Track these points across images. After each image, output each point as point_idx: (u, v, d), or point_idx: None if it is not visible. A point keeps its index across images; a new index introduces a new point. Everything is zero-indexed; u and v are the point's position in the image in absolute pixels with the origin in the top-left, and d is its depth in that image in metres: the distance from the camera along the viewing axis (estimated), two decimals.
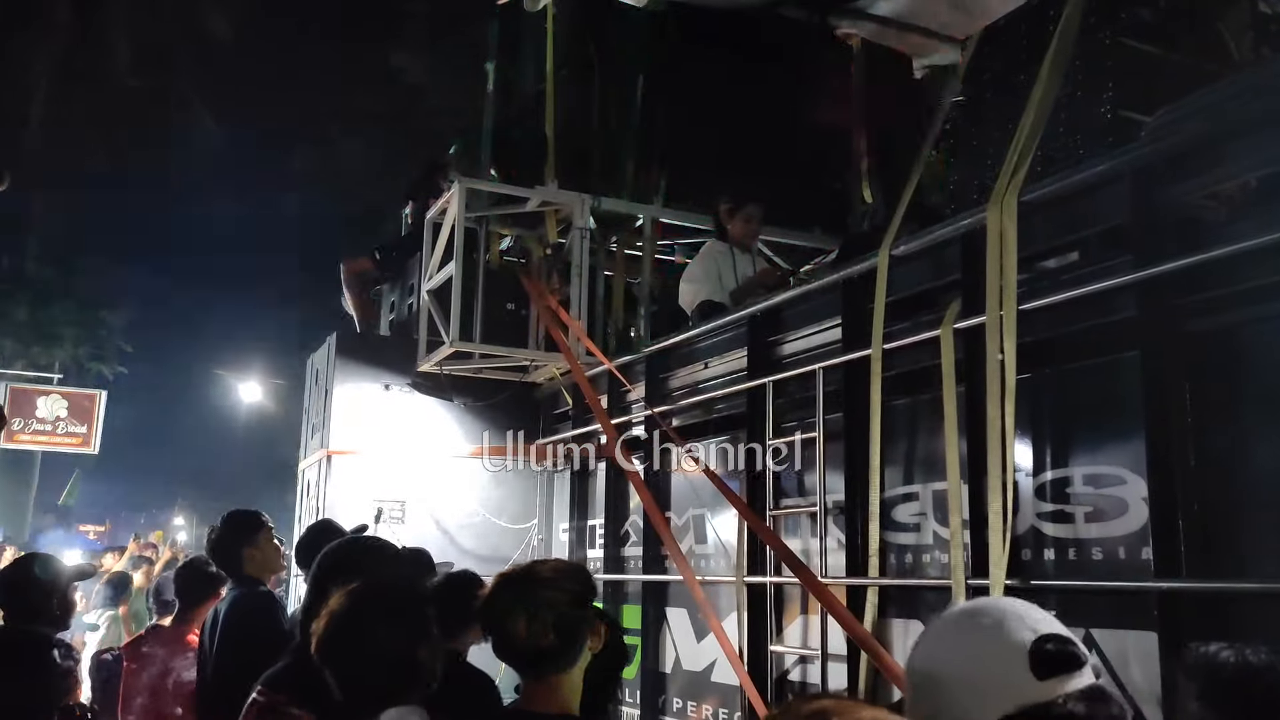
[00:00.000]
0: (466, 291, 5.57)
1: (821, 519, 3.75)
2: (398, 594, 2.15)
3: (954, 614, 1.36)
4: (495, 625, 2.00)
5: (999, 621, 1.27)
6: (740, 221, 5.12)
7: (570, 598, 2.00)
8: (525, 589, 2.00)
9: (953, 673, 1.27)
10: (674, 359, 4.96)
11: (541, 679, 1.99)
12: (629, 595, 5.14)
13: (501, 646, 2.00)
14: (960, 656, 1.27)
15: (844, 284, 3.83)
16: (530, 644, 1.96)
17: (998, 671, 1.23)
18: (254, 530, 3.74)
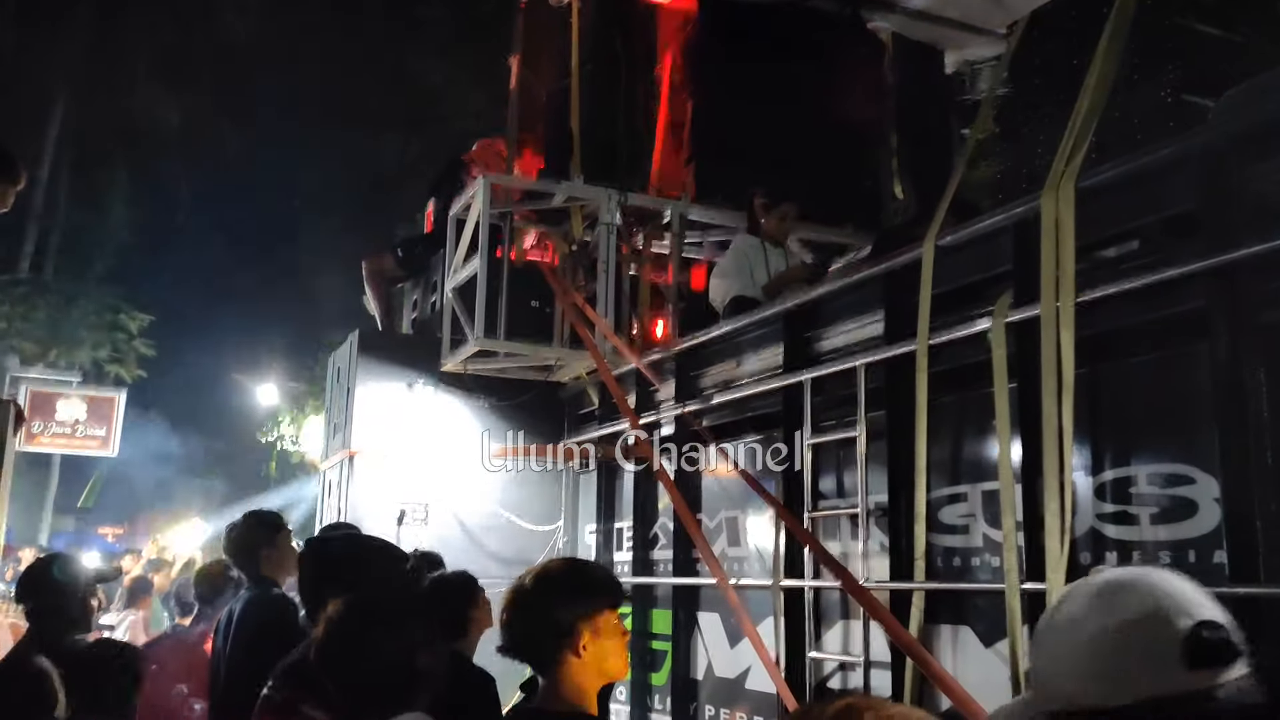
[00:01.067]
0: (491, 288, 5.47)
1: (863, 521, 3.61)
2: (394, 602, 2.15)
3: (1097, 585, 1.23)
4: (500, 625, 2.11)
5: (1151, 600, 1.16)
6: (775, 217, 5.00)
7: (546, 598, 2.04)
8: (515, 590, 2.09)
9: (1092, 652, 1.16)
10: (705, 356, 4.83)
11: (545, 675, 2.05)
12: (659, 599, 5.02)
13: (501, 645, 2.11)
14: (1102, 635, 1.16)
15: (886, 277, 3.70)
16: (512, 642, 2.06)
17: (1145, 656, 1.13)
18: (272, 531, 3.76)
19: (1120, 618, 1.16)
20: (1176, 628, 1.12)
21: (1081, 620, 1.19)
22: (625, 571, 5.30)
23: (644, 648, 5.01)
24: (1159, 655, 1.12)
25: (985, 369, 3.18)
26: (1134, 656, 1.13)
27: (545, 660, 2.05)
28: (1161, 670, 1.12)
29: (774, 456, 4.22)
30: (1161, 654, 1.12)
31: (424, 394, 5.87)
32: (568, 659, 2.02)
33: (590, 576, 2.16)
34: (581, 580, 2.12)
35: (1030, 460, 2.97)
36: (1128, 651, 1.14)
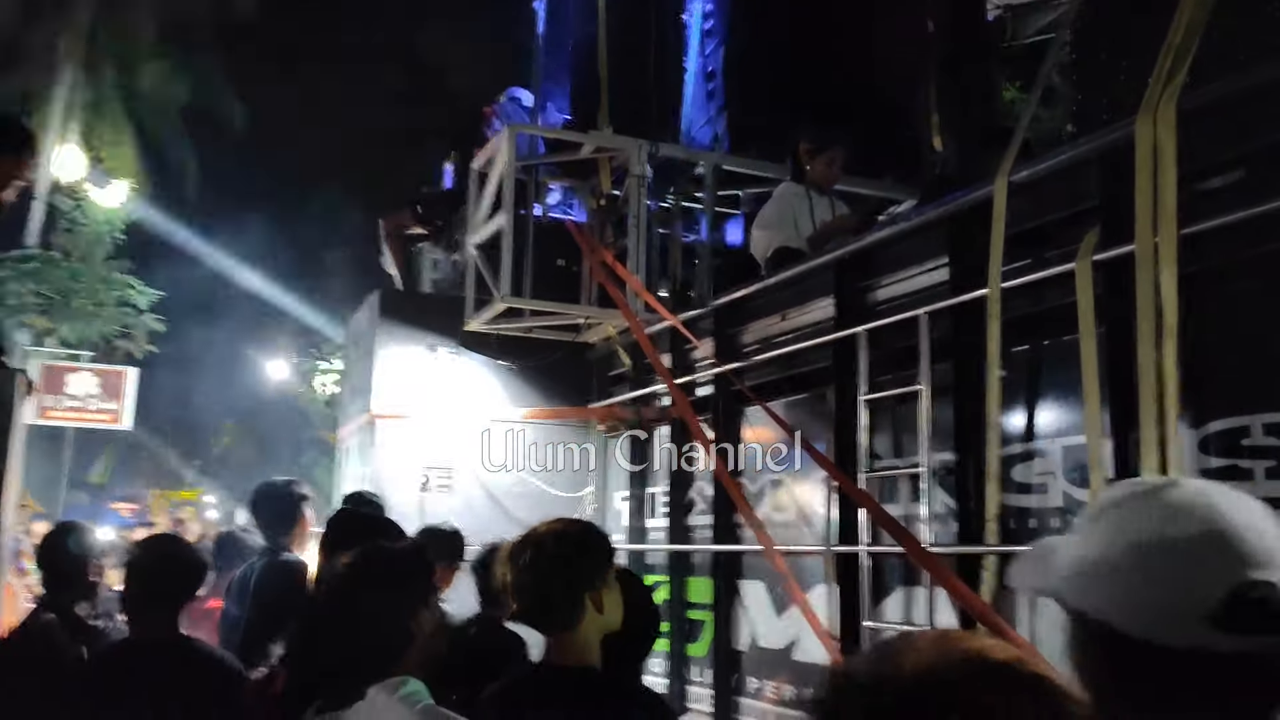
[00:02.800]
0: (517, 244, 5.21)
1: (927, 481, 3.37)
2: (393, 562, 2.10)
3: (1146, 498, 1.08)
4: (483, 582, 2.26)
5: (1203, 534, 1.02)
6: (822, 163, 4.73)
7: (552, 561, 2.04)
8: (516, 552, 2.09)
9: (1115, 565, 1.04)
10: (746, 312, 4.58)
11: (553, 635, 2.08)
12: (696, 567, 4.79)
13: (491, 603, 2.20)
14: (1133, 552, 1.04)
15: (951, 219, 3.43)
16: (520, 605, 2.08)
17: (1173, 602, 1.00)
18: (301, 504, 3.85)
19: (1158, 547, 1.02)
20: (1218, 578, 0.98)
21: (1123, 526, 1.07)
22: (660, 539, 5.09)
23: (681, 618, 4.80)
24: (1189, 605, 0.99)
25: (1065, 314, 2.93)
26: (1161, 600, 1.01)
27: (565, 620, 2.05)
28: (1188, 621, 0.99)
29: (824, 415, 3.99)
30: (1193, 604, 0.99)
31: (447, 356, 5.63)
32: (588, 616, 2.04)
33: (600, 533, 2.20)
34: (597, 537, 2.16)
35: (1122, 412, 2.72)
36: (1156, 589, 1.02)
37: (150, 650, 2.86)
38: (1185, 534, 1.02)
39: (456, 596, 3.31)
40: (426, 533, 3.65)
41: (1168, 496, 1.07)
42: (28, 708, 2.89)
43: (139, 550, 3.07)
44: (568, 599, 2.04)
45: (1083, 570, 1.09)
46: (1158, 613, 1.01)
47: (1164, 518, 1.05)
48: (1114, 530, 1.08)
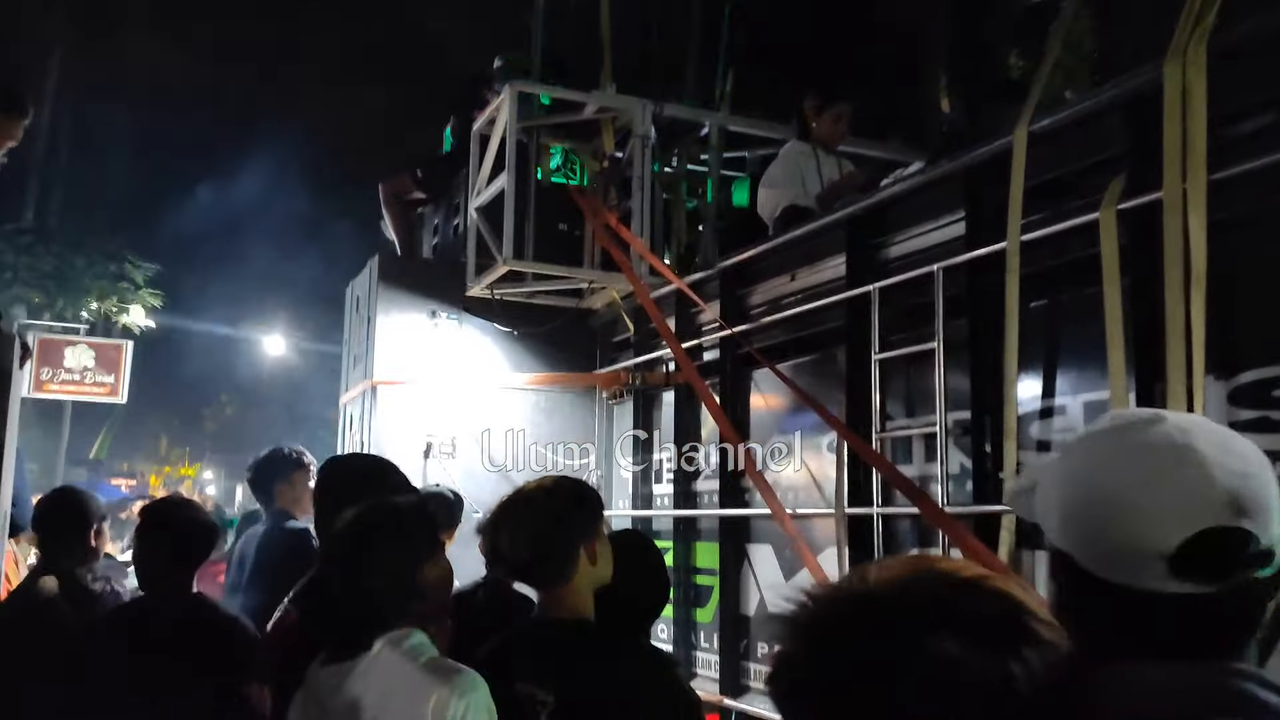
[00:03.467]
0: (519, 207, 5.11)
1: (942, 440, 3.29)
2: (398, 515, 2.13)
3: (1123, 433, 1.07)
4: (487, 542, 2.14)
5: (1173, 476, 1.00)
6: (829, 120, 4.62)
7: (547, 515, 2.08)
8: (507, 507, 2.12)
9: (1087, 497, 1.04)
10: (753, 273, 4.49)
11: (546, 591, 2.11)
12: (703, 532, 4.73)
13: (494, 562, 2.16)
14: (1095, 504, 1.03)
15: (967, 172, 3.34)
16: (512, 558, 2.09)
17: (1133, 545, 1.00)
18: (290, 468, 3.98)
19: (1132, 478, 1.01)
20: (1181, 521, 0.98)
21: (1097, 461, 1.06)
22: (666, 504, 5.03)
23: (688, 583, 4.75)
24: (1144, 544, 0.99)
25: (1087, 267, 2.85)
26: (1122, 531, 1.01)
27: (559, 574, 2.07)
28: (1143, 562, 0.99)
29: (835, 376, 3.91)
30: (1148, 544, 0.98)
31: (448, 321, 5.54)
32: (581, 570, 2.08)
33: (589, 486, 2.24)
34: (585, 491, 2.20)
35: (1148, 364, 2.65)
36: (1117, 524, 1.01)
37: (166, 610, 2.86)
38: (1155, 474, 1.01)
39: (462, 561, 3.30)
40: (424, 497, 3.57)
41: (1145, 434, 1.04)
42: (30, 669, 2.87)
43: (158, 512, 3.02)
44: (563, 551, 2.07)
45: (1051, 504, 1.09)
46: (1118, 554, 1.01)
47: (1137, 456, 1.03)
48: (1087, 465, 1.07)
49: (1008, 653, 0.78)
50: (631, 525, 5.21)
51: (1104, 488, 1.03)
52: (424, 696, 1.87)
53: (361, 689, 1.91)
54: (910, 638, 0.80)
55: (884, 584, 0.84)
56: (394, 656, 1.94)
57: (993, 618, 0.81)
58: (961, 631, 0.79)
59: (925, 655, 0.79)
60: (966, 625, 0.79)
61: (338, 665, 1.97)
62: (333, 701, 1.93)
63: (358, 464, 2.98)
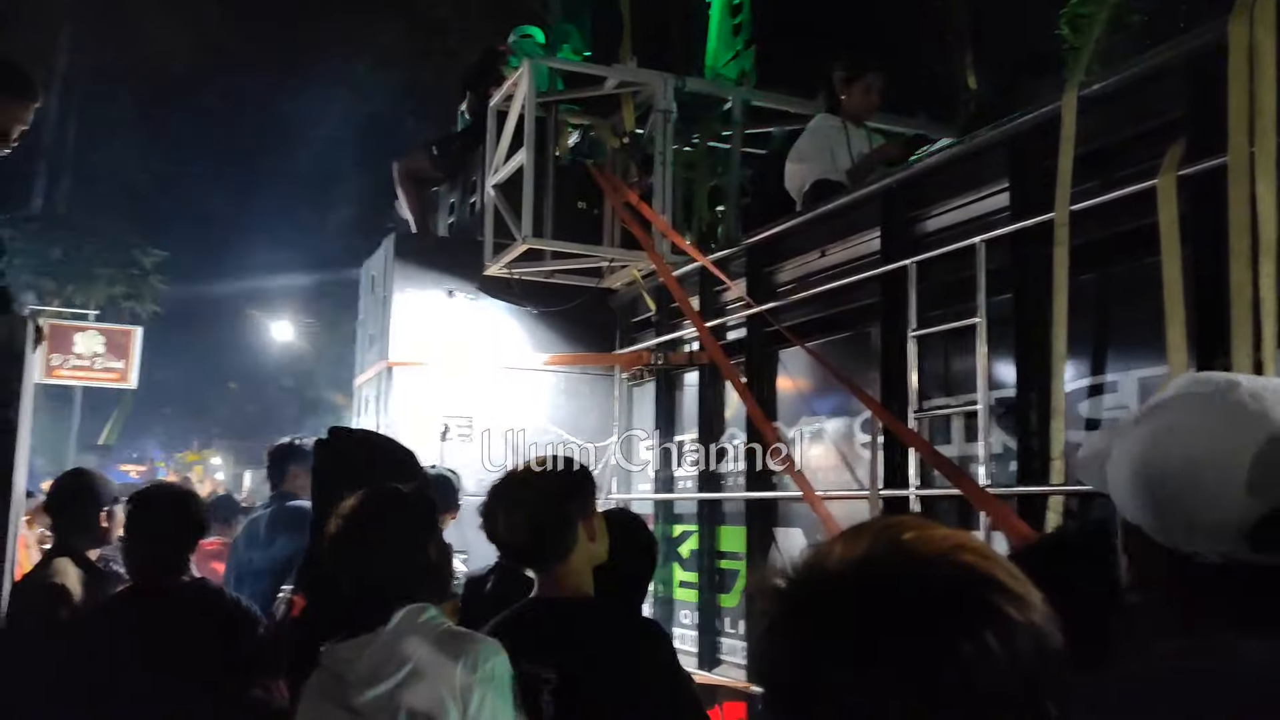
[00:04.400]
0: (538, 183, 4.99)
1: (984, 419, 3.17)
2: (407, 496, 2.17)
3: (1198, 400, 1.04)
4: (485, 522, 2.14)
5: (1249, 448, 0.97)
6: (859, 91, 4.48)
7: (544, 494, 2.10)
8: (506, 488, 2.13)
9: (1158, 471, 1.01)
10: (781, 250, 4.37)
11: (543, 571, 2.13)
12: (728, 516, 4.63)
13: (492, 543, 2.16)
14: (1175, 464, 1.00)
15: (1012, 141, 3.21)
16: (509, 539, 2.11)
17: (1208, 518, 0.98)
18: (306, 457, 3.92)
19: (1210, 451, 0.98)
20: (1247, 498, 0.95)
21: (1174, 430, 1.03)
22: (689, 487, 4.92)
23: (711, 568, 4.65)
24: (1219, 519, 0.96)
25: (1140, 237, 2.72)
26: (1195, 500, 0.99)
27: (560, 549, 2.09)
28: (1217, 539, 0.97)
29: (868, 354, 3.80)
30: (1224, 518, 0.96)
31: (465, 301, 5.43)
32: (580, 548, 2.10)
33: (584, 467, 2.26)
34: (582, 471, 2.22)
35: (1210, 339, 2.53)
36: (1192, 492, 0.99)
37: (160, 594, 2.81)
38: (1230, 445, 0.98)
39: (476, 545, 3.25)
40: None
41: (1220, 401, 1.01)
42: (39, 651, 2.83)
43: (145, 499, 2.95)
44: (562, 529, 2.09)
45: (1123, 474, 1.06)
46: (1191, 525, 0.99)
47: (1210, 425, 1.00)
48: (1160, 434, 1.04)
49: (960, 633, 0.71)
50: (654, 509, 5.12)
51: (1177, 457, 1.00)
52: (445, 664, 1.89)
53: (382, 659, 1.91)
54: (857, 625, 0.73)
55: (841, 562, 0.77)
56: (412, 628, 1.95)
57: (947, 595, 0.73)
58: (910, 611, 0.72)
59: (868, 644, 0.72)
60: (916, 605, 0.72)
61: (355, 640, 1.97)
62: (353, 673, 1.92)
63: (358, 444, 2.92)
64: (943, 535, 0.78)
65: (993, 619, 0.72)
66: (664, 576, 5.01)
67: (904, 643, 0.71)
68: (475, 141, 5.82)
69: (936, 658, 0.70)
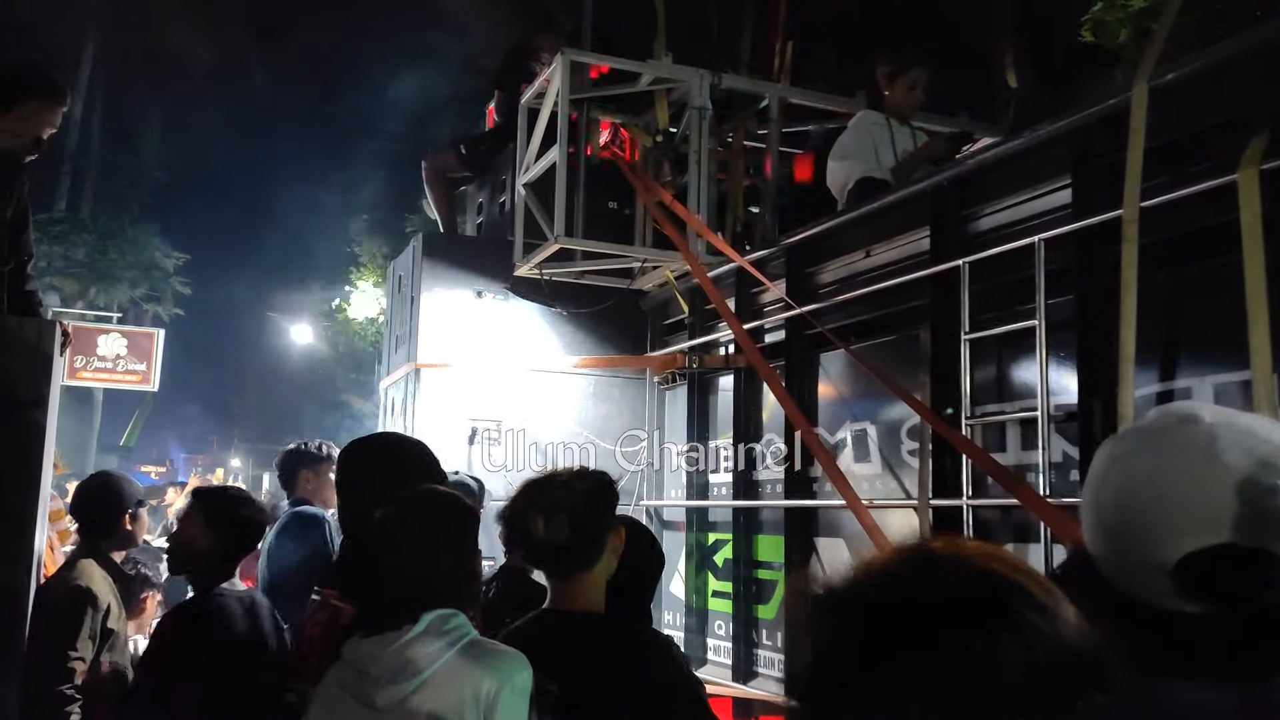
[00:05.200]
0: (570, 182, 4.88)
1: (1044, 426, 3.03)
2: (454, 500, 2.14)
3: (1152, 434, 1.01)
4: (516, 525, 2.10)
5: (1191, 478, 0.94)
6: (902, 87, 4.35)
7: (586, 498, 2.07)
8: (541, 489, 2.09)
9: (1111, 502, 0.99)
10: (822, 250, 4.23)
11: (565, 578, 2.10)
12: (765, 524, 4.49)
13: (523, 546, 2.11)
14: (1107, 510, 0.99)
15: (1074, 135, 3.07)
16: (548, 542, 2.05)
17: (1134, 557, 0.96)
18: (317, 461, 4.06)
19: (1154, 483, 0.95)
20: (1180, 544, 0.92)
21: (1120, 464, 1.01)
22: (724, 494, 4.79)
23: (748, 578, 4.51)
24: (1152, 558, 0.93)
25: (1216, 235, 2.58)
26: (1128, 535, 0.96)
27: (587, 560, 2.08)
28: (1149, 582, 0.94)
29: (916, 358, 3.66)
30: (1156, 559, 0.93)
31: (494, 302, 5.33)
32: (605, 559, 2.09)
33: (611, 479, 2.20)
34: (611, 483, 2.18)
35: None
36: (1126, 526, 0.96)
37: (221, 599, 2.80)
38: (1169, 481, 0.94)
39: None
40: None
41: (1172, 436, 0.98)
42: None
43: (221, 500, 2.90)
44: (598, 537, 2.08)
45: (1086, 503, 1.04)
46: (1120, 562, 0.97)
47: (1157, 460, 0.96)
48: (1111, 465, 1.02)
49: (974, 634, 0.70)
50: (686, 516, 5.00)
51: (1120, 490, 0.97)
52: (469, 673, 1.89)
53: (404, 659, 1.90)
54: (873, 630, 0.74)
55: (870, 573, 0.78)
56: (439, 633, 1.93)
57: (963, 596, 0.72)
58: (924, 613, 0.73)
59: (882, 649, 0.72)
60: (931, 608, 0.73)
61: (380, 636, 1.94)
62: (375, 669, 1.91)
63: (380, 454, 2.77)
64: (975, 546, 0.77)
65: (1011, 623, 0.70)
66: (697, 585, 4.88)
67: (917, 647, 0.70)
68: (505, 140, 5.72)
69: (949, 659, 0.69)
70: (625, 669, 2.02)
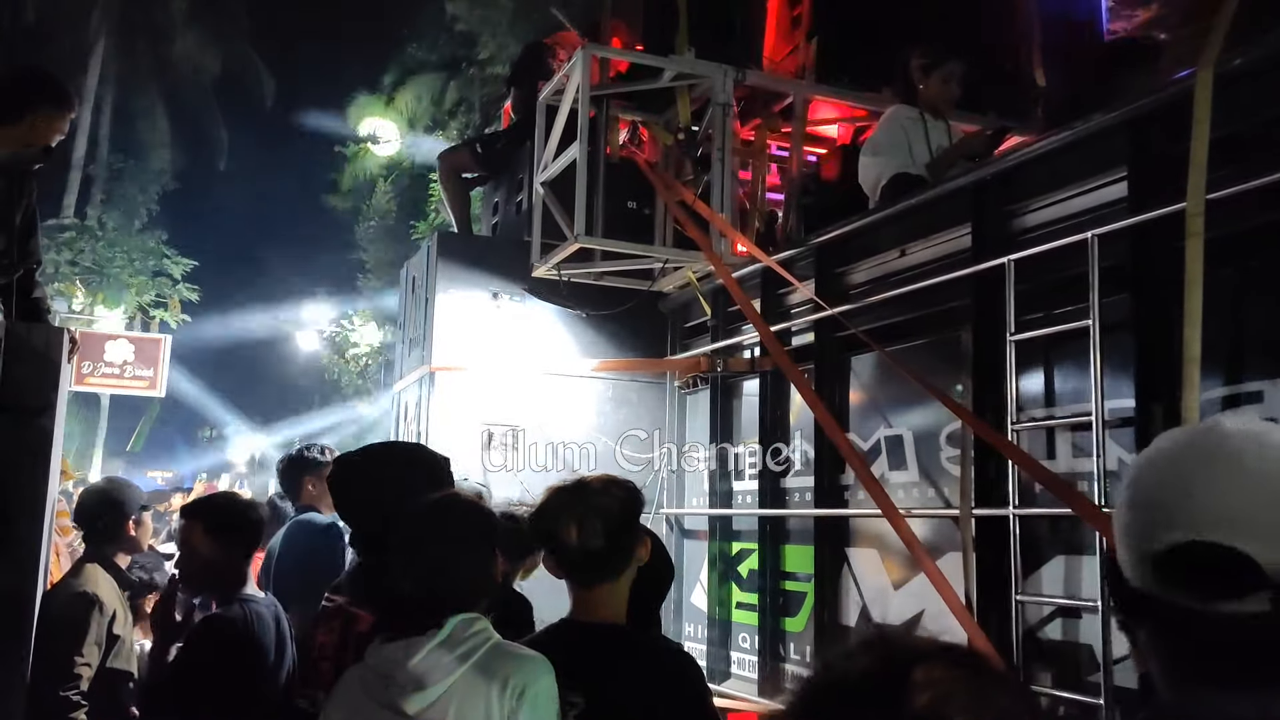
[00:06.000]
0: (591, 179, 4.74)
1: (1098, 432, 2.87)
2: (478, 506, 2.15)
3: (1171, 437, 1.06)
4: (548, 532, 2.08)
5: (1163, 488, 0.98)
6: (938, 80, 4.20)
7: (619, 505, 2.09)
8: (576, 496, 2.09)
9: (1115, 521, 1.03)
10: (854, 249, 4.08)
11: (590, 587, 2.09)
12: (792, 534, 4.33)
13: (555, 552, 2.09)
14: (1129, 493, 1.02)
15: (1130, 126, 2.92)
16: (581, 548, 2.04)
17: (1130, 551, 1.00)
18: (319, 466, 4.00)
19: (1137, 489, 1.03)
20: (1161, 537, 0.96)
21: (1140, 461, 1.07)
22: (749, 502, 4.64)
23: (774, 589, 4.35)
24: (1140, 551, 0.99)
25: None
26: (1126, 536, 1.01)
27: (616, 569, 2.08)
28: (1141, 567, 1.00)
29: (955, 361, 3.51)
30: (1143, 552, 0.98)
31: (510, 303, 5.18)
32: (630, 569, 2.10)
33: (638, 488, 2.19)
34: (639, 492, 2.17)
35: None
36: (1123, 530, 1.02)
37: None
38: (1167, 480, 0.98)
39: None
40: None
41: (1185, 438, 1.03)
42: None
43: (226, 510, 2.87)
44: (630, 546, 2.10)
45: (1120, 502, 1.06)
46: (1125, 555, 1.01)
47: (1165, 460, 1.00)
48: (1134, 467, 1.06)
49: None
50: (709, 524, 4.85)
51: (1132, 487, 1.02)
52: (495, 678, 1.88)
53: (431, 664, 1.89)
54: None
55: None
56: (464, 638, 1.93)
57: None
58: None
59: None
60: None
61: (405, 640, 1.94)
62: (401, 675, 1.90)
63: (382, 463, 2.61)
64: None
65: None
66: (720, 597, 4.72)
67: None
68: (521, 138, 5.58)
69: None
70: (648, 682, 2.02)
